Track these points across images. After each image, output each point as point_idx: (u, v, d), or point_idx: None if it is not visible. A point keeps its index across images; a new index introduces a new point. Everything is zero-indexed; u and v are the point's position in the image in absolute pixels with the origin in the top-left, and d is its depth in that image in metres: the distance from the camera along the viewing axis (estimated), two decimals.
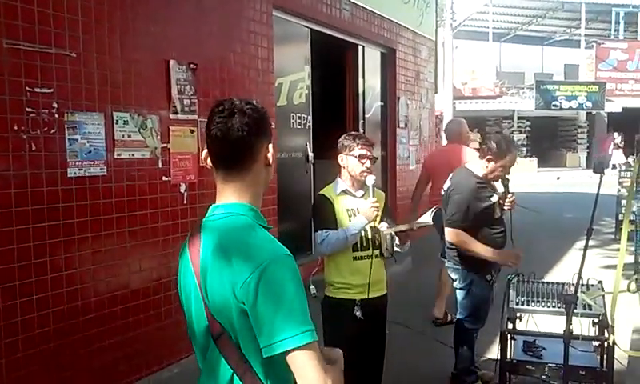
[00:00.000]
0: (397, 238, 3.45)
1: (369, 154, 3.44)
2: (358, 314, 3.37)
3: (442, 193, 4.34)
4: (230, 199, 1.66)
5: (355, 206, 3.44)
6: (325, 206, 3.46)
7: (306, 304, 1.50)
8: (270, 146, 1.69)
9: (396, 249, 3.49)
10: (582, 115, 26.78)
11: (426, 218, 3.44)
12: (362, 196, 3.47)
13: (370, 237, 3.44)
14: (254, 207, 1.67)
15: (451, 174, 4.39)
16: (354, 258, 3.42)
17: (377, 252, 3.45)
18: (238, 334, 1.53)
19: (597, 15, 28.45)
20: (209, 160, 1.69)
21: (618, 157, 24.45)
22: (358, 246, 3.42)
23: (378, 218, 3.48)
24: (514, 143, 4.34)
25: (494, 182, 4.21)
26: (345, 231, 3.33)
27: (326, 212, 3.43)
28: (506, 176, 4.17)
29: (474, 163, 4.25)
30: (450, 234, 4.08)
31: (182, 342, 4.53)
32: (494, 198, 4.14)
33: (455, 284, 4.30)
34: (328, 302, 3.50)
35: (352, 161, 3.43)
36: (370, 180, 3.40)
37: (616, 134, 25.07)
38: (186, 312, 1.70)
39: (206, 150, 1.69)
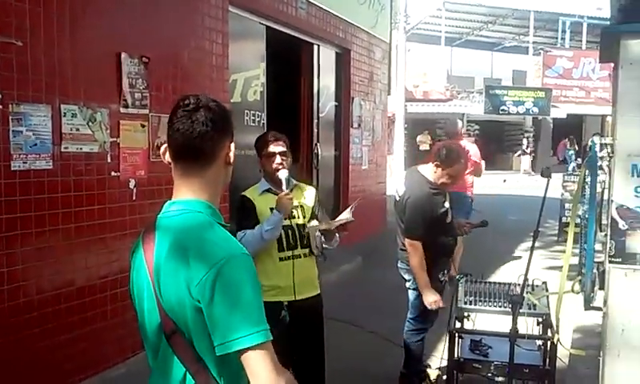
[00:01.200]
0: (323, 236, 3.43)
1: (278, 149, 3.42)
2: (286, 316, 3.32)
3: (397, 197, 4.35)
4: (188, 196, 1.63)
5: None
6: (244, 207, 3.43)
7: (261, 303, 1.50)
8: (232, 144, 1.69)
9: (325, 246, 3.47)
10: (528, 120, 27.59)
11: (346, 215, 3.41)
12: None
13: (297, 235, 3.40)
14: (212, 205, 1.65)
15: (405, 178, 4.43)
16: (280, 259, 3.36)
17: (306, 250, 3.43)
18: (191, 332, 1.51)
19: (544, 23, 29.35)
20: (167, 155, 1.66)
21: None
22: (284, 245, 3.36)
23: (307, 215, 3.46)
24: (463, 155, 4.31)
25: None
26: (260, 228, 3.27)
27: (245, 212, 3.40)
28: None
29: (426, 168, 4.29)
30: (410, 246, 4.12)
31: (129, 341, 4.44)
32: (447, 204, 4.22)
33: (408, 284, 4.35)
34: None
35: (264, 161, 3.45)
36: (283, 174, 3.38)
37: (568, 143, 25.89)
38: (137, 310, 1.66)
39: (165, 145, 1.67)
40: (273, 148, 3.43)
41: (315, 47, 8.52)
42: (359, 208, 3.54)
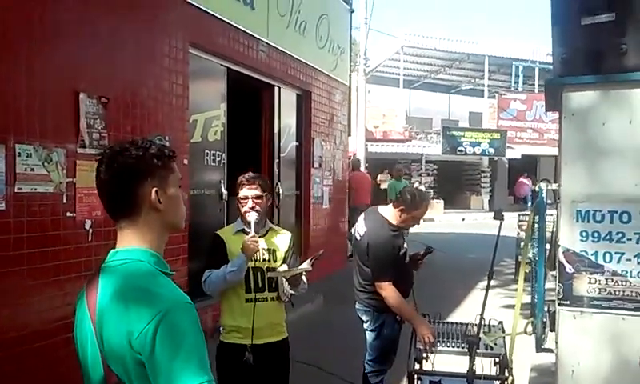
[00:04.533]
0: (287, 282, 3.40)
1: (250, 193, 3.41)
2: (250, 359, 3.27)
3: (358, 237, 4.35)
4: (131, 244, 1.61)
5: None
6: (214, 246, 3.44)
7: (205, 353, 1.47)
8: (155, 189, 1.60)
9: (291, 291, 3.43)
10: (485, 160, 28.24)
11: (306, 265, 3.38)
12: (262, 235, 3.42)
13: (266, 278, 3.37)
14: (156, 253, 1.62)
15: (364, 218, 4.45)
16: (247, 300, 3.32)
17: (274, 294, 3.39)
18: None
19: (499, 68, 30.33)
20: None
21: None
22: (252, 286, 3.33)
23: (279, 260, 3.45)
24: (427, 197, 4.40)
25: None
26: (224, 269, 3.27)
27: (214, 251, 3.40)
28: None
29: (387, 210, 4.33)
30: (382, 290, 4.10)
31: None
32: (405, 245, 4.27)
33: (366, 325, 4.35)
34: (221, 346, 3.39)
35: (237, 202, 3.46)
36: (252, 217, 3.36)
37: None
38: (81, 360, 1.62)
39: None
40: (246, 191, 3.42)
41: (276, 89, 8.62)
42: (321, 245, 3.55)
